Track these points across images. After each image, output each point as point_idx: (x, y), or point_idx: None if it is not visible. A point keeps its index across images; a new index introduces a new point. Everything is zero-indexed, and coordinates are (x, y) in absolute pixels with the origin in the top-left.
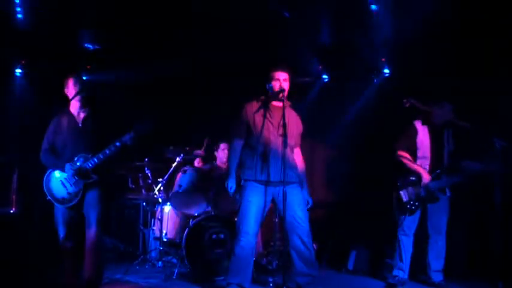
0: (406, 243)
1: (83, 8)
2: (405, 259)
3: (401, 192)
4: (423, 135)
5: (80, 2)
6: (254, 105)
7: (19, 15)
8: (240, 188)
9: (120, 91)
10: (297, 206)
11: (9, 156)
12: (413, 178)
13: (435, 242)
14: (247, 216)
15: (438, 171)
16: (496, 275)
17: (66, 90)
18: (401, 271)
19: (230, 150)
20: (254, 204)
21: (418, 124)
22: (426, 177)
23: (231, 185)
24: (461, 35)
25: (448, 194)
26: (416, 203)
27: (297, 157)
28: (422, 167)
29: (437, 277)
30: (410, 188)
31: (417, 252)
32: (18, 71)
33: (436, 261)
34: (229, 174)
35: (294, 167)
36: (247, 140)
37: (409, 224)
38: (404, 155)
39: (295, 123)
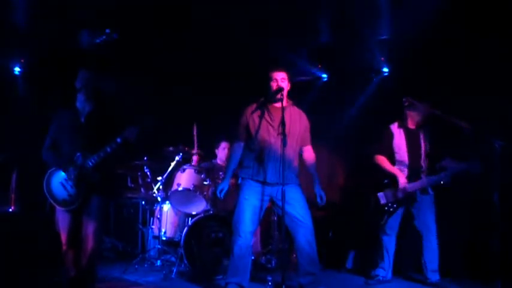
0: (388, 243)
1: (82, 5)
2: (387, 259)
3: (379, 194)
4: (399, 138)
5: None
6: (254, 107)
7: None
8: (236, 187)
9: (123, 89)
10: (298, 204)
11: (9, 155)
12: (387, 181)
13: (428, 241)
14: (243, 214)
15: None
16: (495, 275)
17: (75, 83)
18: (383, 270)
19: (230, 152)
20: (250, 202)
21: (394, 128)
22: (402, 181)
23: (222, 187)
24: (461, 34)
25: (431, 192)
26: (395, 205)
27: (307, 154)
28: (400, 171)
29: (434, 277)
30: (388, 191)
31: (413, 252)
32: (17, 69)
33: (431, 261)
34: (224, 178)
35: (293, 168)
36: (247, 142)
37: (391, 224)
38: (382, 158)
39: (298, 122)
